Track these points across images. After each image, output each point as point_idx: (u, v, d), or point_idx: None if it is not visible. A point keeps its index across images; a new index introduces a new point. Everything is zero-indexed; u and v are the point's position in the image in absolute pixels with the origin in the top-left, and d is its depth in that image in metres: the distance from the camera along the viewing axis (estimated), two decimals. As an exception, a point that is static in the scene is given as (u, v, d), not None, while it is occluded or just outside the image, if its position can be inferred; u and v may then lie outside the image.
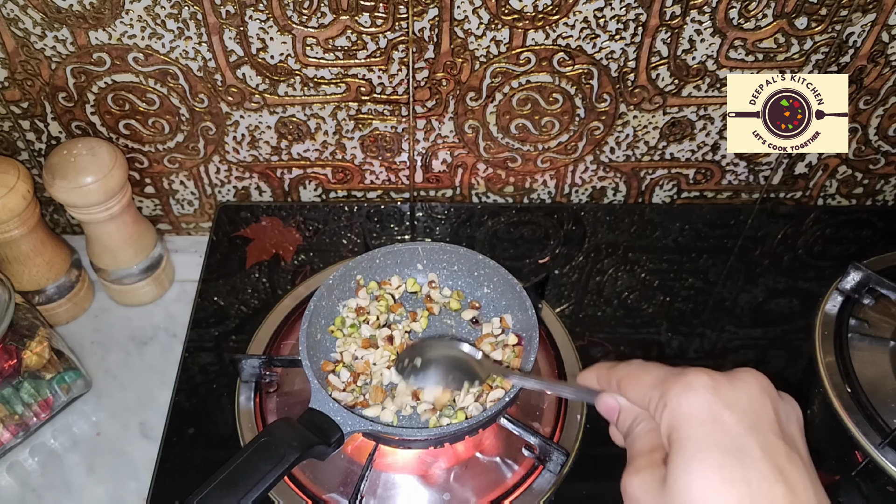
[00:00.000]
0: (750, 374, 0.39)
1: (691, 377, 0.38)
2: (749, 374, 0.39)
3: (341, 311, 0.70)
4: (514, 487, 0.65)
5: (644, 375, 0.41)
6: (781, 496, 0.35)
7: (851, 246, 0.86)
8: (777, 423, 0.38)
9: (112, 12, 0.68)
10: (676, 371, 0.40)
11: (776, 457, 0.36)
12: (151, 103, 0.76)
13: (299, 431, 0.54)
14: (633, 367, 0.43)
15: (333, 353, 0.68)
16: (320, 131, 0.80)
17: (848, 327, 0.74)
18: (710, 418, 0.37)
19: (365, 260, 0.71)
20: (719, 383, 0.38)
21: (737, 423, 0.37)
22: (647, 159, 0.84)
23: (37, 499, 0.68)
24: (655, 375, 0.40)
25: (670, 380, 0.39)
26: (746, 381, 0.39)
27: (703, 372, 0.39)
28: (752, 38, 0.72)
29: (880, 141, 0.83)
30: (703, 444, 0.36)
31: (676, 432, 0.38)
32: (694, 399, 0.38)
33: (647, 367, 0.42)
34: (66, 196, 0.71)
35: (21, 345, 0.69)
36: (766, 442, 0.36)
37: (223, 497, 0.48)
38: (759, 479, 0.35)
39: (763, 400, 0.38)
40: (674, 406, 0.38)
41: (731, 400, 0.37)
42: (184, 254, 0.88)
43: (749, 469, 0.35)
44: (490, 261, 0.69)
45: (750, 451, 0.36)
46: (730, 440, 0.36)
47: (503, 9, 0.69)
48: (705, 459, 0.36)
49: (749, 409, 0.37)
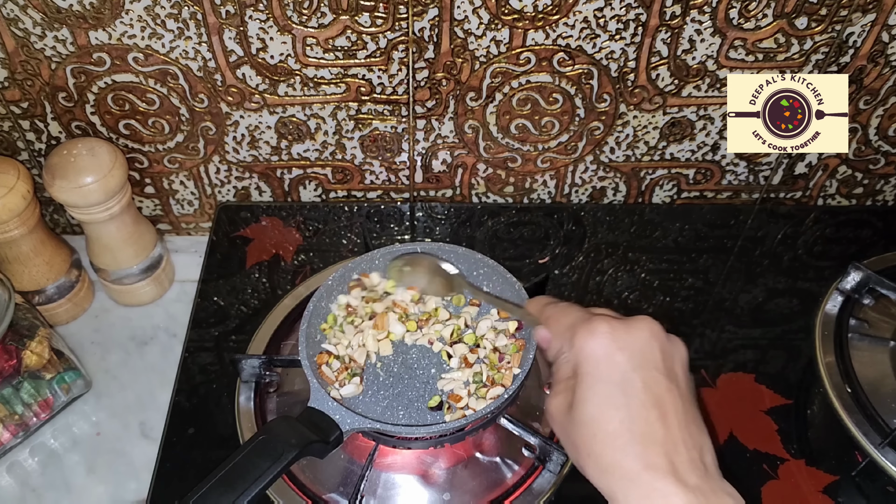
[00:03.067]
0: (644, 321, 0.47)
1: (595, 323, 0.47)
2: (643, 321, 0.47)
3: (333, 309, 0.69)
4: (515, 487, 0.65)
5: (563, 318, 0.50)
6: (655, 418, 0.44)
7: (851, 246, 0.86)
8: (661, 362, 0.46)
9: (112, 12, 0.68)
10: (586, 317, 0.48)
11: (655, 388, 0.45)
12: (151, 103, 0.76)
13: (298, 429, 0.54)
14: (559, 308, 0.52)
15: (326, 345, 0.68)
16: (320, 131, 0.80)
17: (848, 327, 0.74)
18: (605, 357, 0.46)
19: (364, 260, 0.71)
20: (616, 329, 0.46)
21: (626, 362, 0.45)
22: (647, 159, 0.84)
23: (37, 499, 0.68)
24: (570, 319, 0.49)
25: (579, 325, 0.47)
26: (640, 327, 0.47)
27: (605, 320, 0.47)
28: (752, 38, 0.72)
29: (880, 141, 0.83)
30: (597, 377, 0.46)
31: (580, 368, 0.47)
32: (594, 342, 0.46)
33: (567, 310, 0.51)
34: (66, 196, 0.71)
35: (21, 345, 0.69)
36: (649, 377, 0.45)
37: (221, 495, 0.48)
38: (638, 405, 0.44)
39: (651, 343, 0.46)
40: (578, 347, 0.47)
41: (624, 343, 0.46)
42: (184, 254, 0.88)
43: (630, 397, 0.44)
44: (489, 260, 0.69)
45: (633, 383, 0.45)
46: (618, 375, 0.45)
47: (503, 9, 0.69)
48: (597, 390, 0.45)
49: (638, 350, 0.46)
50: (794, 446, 0.69)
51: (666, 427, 0.44)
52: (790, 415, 0.71)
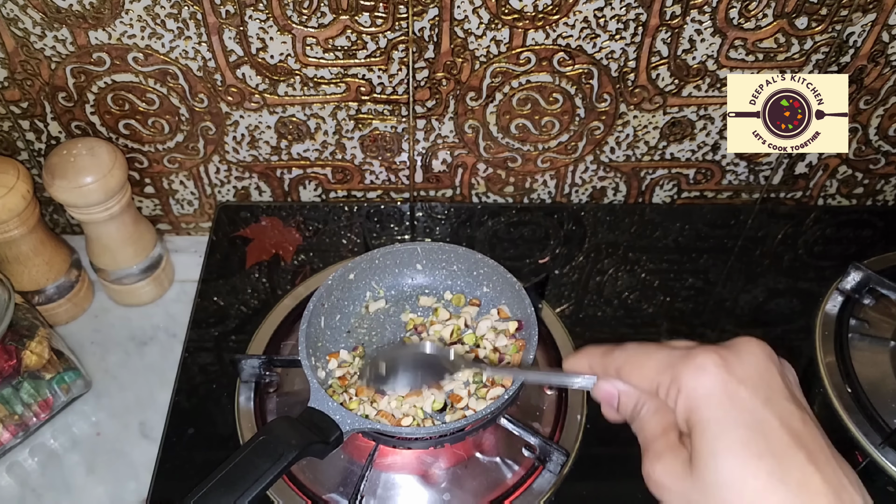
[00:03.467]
0: (753, 344, 0.40)
1: (700, 358, 0.39)
2: (752, 344, 0.40)
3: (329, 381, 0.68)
4: (515, 488, 0.65)
5: (647, 361, 0.41)
6: (805, 461, 0.36)
7: (852, 246, 0.86)
8: (786, 388, 0.39)
9: (112, 12, 0.68)
10: (681, 353, 0.40)
11: (792, 422, 0.37)
12: (151, 103, 0.76)
13: (298, 430, 0.54)
14: (632, 352, 0.42)
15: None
16: (320, 131, 0.80)
17: (848, 327, 0.74)
18: (727, 397, 0.37)
19: (364, 260, 0.71)
20: (729, 360, 0.38)
21: (752, 397, 0.37)
22: (648, 159, 0.84)
23: (36, 499, 0.68)
24: (659, 360, 0.40)
25: (679, 364, 0.39)
26: (752, 352, 0.39)
27: (712, 350, 0.39)
28: (752, 38, 0.72)
29: (880, 141, 0.83)
30: (725, 423, 0.37)
31: (696, 415, 0.38)
32: (707, 380, 0.38)
33: (647, 351, 0.42)
34: (65, 196, 0.71)
35: (21, 345, 0.69)
36: (782, 410, 0.37)
37: (222, 496, 0.48)
38: (783, 448, 0.36)
39: (770, 368, 0.39)
40: (689, 390, 0.38)
41: (743, 374, 0.38)
42: (183, 254, 0.88)
43: (772, 440, 0.36)
44: (489, 260, 0.69)
45: (769, 422, 0.37)
46: (749, 415, 0.37)
47: (503, 8, 0.69)
48: (730, 438, 0.36)
49: (760, 380, 0.38)
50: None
51: (818, 468, 0.36)
52: (790, 415, 0.71)
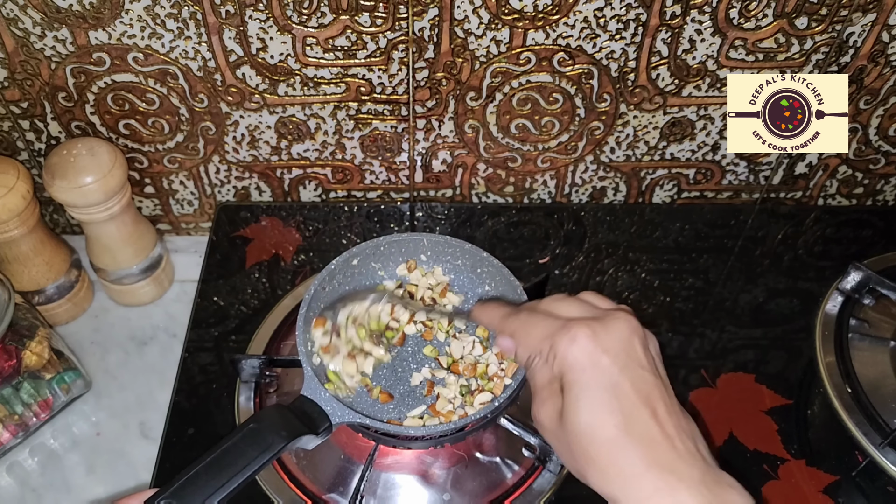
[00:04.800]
0: (622, 318, 0.48)
1: (574, 331, 0.47)
2: (621, 318, 0.48)
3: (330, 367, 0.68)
4: (515, 488, 0.65)
5: (532, 330, 0.50)
6: (648, 417, 0.44)
7: (852, 246, 0.86)
8: (644, 358, 0.47)
9: (112, 12, 0.68)
10: (560, 324, 0.48)
11: (643, 385, 0.46)
12: (151, 103, 0.76)
13: (288, 419, 0.54)
14: (523, 319, 0.51)
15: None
16: (320, 131, 0.80)
17: (848, 327, 0.74)
18: (591, 364, 0.46)
19: (369, 247, 0.70)
20: (597, 332, 0.47)
21: (612, 365, 0.46)
22: (648, 159, 0.84)
23: (36, 499, 0.68)
24: (542, 330, 0.49)
25: (557, 334, 0.47)
26: (619, 326, 0.47)
27: (584, 324, 0.47)
28: (752, 38, 0.72)
29: (881, 141, 0.83)
30: (587, 385, 0.46)
31: (566, 376, 0.47)
32: (577, 350, 0.46)
33: (534, 320, 0.50)
34: (65, 196, 0.71)
35: (21, 345, 0.69)
36: (636, 376, 0.46)
37: (207, 481, 0.48)
38: (630, 407, 0.45)
39: (632, 340, 0.47)
40: (562, 356, 0.47)
41: (607, 345, 0.46)
42: (183, 254, 0.88)
43: (622, 400, 0.45)
44: (494, 260, 0.69)
45: (622, 386, 0.45)
46: (607, 379, 0.45)
47: (503, 9, 0.69)
48: (589, 397, 0.45)
49: (621, 350, 0.46)
50: (795, 446, 0.69)
51: (659, 424, 0.44)
52: (790, 415, 0.71)
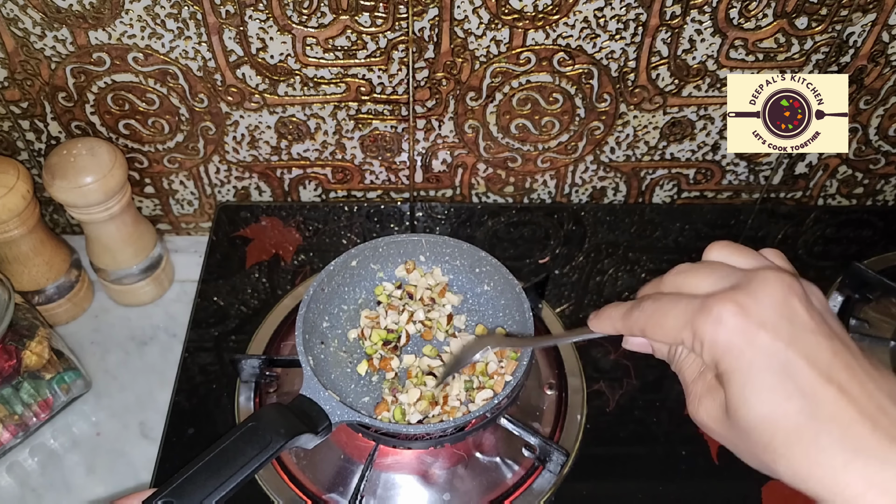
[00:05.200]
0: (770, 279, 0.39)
1: (717, 310, 0.38)
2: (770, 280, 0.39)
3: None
4: (515, 488, 0.65)
5: (665, 320, 0.41)
6: (836, 394, 0.36)
7: (852, 246, 0.86)
8: (810, 319, 0.38)
9: (112, 12, 0.68)
10: (698, 305, 0.39)
11: (819, 356, 0.37)
12: (151, 103, 0.76)
13: (287, 418, 0.54)
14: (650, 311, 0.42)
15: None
16: (320, 131, 0.80)
17: (848, 327, 0.74)
18: (748, 345, 0.37)
19: (368, 248, 0.70)
20: (746, 306, 0.38)
21: (774, 340, 0.37)
22: (648, 159, 0.84)
23: (36, 499, 0.68)
24: (677, 317, 0.40)
25: (697, 319, 0.39)
26: (770, 290, 0.38)
27: (727, 299, 0.38)
28: (752, 38, 0.72)
29: (880, 141, 0.83)
30: (749, 371, 0.37)
31: (721, 366, 0.38)
32: (726, 332, 0.38)
33: (663, 309, 0.41)
34: (65, 196, 0.71)
35: (21, 345, 0.69)
36: (807, 346, 0.37)
37: (206, 480, 0.48)
38: (811, 386, 0.36)
39: (791, 303, 0.38)
40: (710, 343, 0.38)
41: (762, 317, 0.37)
42: (183, 254, 0.88)
43: (799, 380, 0.36)
44: (493, 259, 0.69)
45: (794, 363, 0.37)
46: (773, 359, 0.37)
47: (503, 8, 0.69)
48: (756, 385, 0.37)
49: (781, 319, 0.38)
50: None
51: (852, 399, 0.36)
52: (790, 415, 0.71)
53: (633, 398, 0.72)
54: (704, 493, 0.66)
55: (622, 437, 0.69)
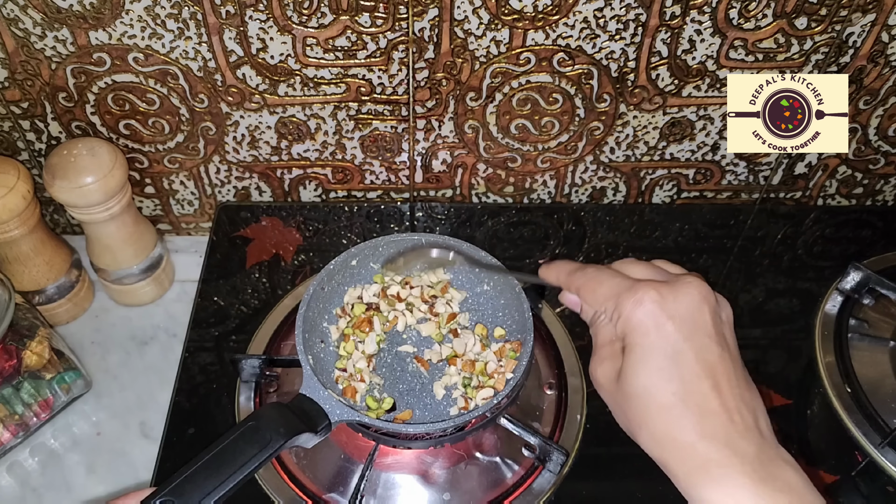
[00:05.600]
0: (692, 284, 0.46)
1: (641, 293, 0.45)
2: (692, 284, 0.46)
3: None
4: (514, 487, 0.65)
5: (599, 287, 0.48)
6: (709, 388, 0.43)
7: (851, 246, 0.86)
8: (712, 327, 0.45)
9: (112, 12, 0.68)
10: (628, 284, 0.46)
11: (707, 356, 0.44)
12: (151, 103, 0.76)
13: (287, 417, 0.54)
14: (590, 276, 0.49)
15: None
16: (320, 131, 0.80)
17: (848, 327, 0.74)
18: (655, 328, 0.44)
19: (368, 247, 0.70)
20: (665, 297, 0.45)
21: (676, 332, 0.44)
22: (647, 159, 0.84)
23: (37, 499, 0.68)
24: (609, 288, 0.47)
25: (623, 294, 0.46)
26: (689, 292, 0.45)
27: (652, 287, 0.45)
28: (752, 39, 0.72)
29: (880, 141, 0.83)
30: (648, 349, 0.44)
31: (628, 338, 0.45)
32: (642, 312, 0.45)
33: (601, 277, 0.48)
34: (66, 196, 0.71)
35: (21, 345, 0.69)
36: (700, 345, 0.44)
37: (206, 479, 0.48)
38: (691, 376, 0.43)
39: (702, 308, 0.45)
40: (625, 317, 0.45)
41: (674, 311, 0.44)
42: (184, 254, 0.88)
43: (683, 368, 0.43)
44: (493, 258, 0.69)
45: (685, 354, 0.43)
46: (670, 346, 0.44)
47: (503, 9, 0.69)
48: (649, 362, 0.44)
49: (688, 317, 0.44)
50: (794, 446, 0.69)
51: (720, 396, 0.43)
52: (790, 415, 0.71)
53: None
54: (704, 493, 0.66)
55: (622, 437, 0.69)
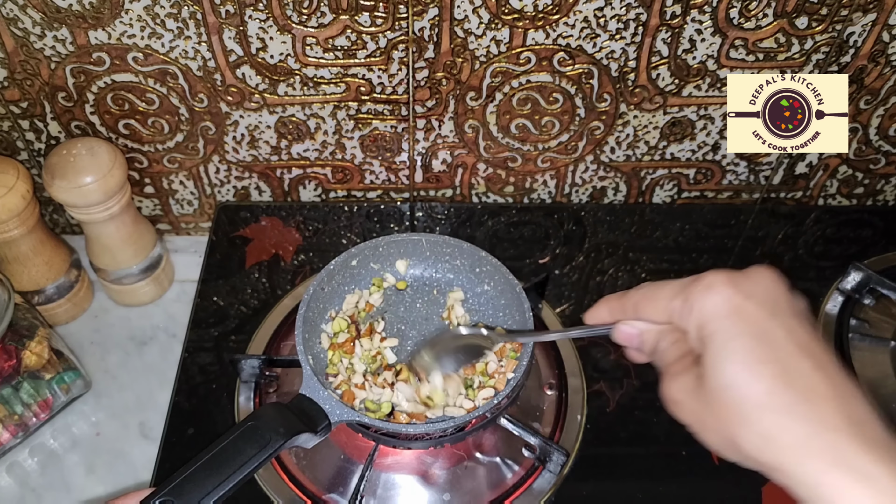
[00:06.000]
0: (764, 270, 0.41)
1: (709, 278, 0.40)
2: (763, 270, 0.41)
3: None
4: (515, 488, 0.65)
5: (659, 293, 0.43)
6: (811, 368, 0.37)
7: (852, 246, 0.86)
8: (793, 307, 0.40)
9: (111, 12, 0.68)
10: (692, 278, 0.41)
11: (797, 334, 0.38)
12: (151, 103, 0.76)
13: (287, 417, 0.54)
14: (646, 289, 0.45)
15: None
16: (320, 131, 0.80)
17: (848, 327, 0.74)
18: (734, 310, 0.39)
19: (368, 247, 0.71)
20: (736, 279, 0.40)
21: (758, 310, 0.39)
22: (648, 159, 0.84)
23: (36, 499, 0.68)
24: (671, 289, 0.42)
25: (689, 286, 0.41)
26: (761, 273, 0.41)
27: (721, 272, 0.41)
28: (752, 38, 0.72)
29: (881, 141, 0.83)
30: (731, 333, 0.39)
31: (705, 329, 0.40)
32: (716, 296, 0.40)
33: (659, 285, 0.44)
34: (65, 196, 0.71)
35: (20, 345, 0.69)
36: (788, 323, 0.39)
37: (206, 479, 0.48)
38: (788, 355, 0.37)
39: (779, 288, 0.40)
40: (698, 308, 0.40)
41: (750, 291, 0.40)
42: (183, 254, 0.88)
43: (777, 348, 0.38)
44: (493, 259, 0.69)
45: (774, 332, 0.38)
46: (755, 326, 0.38)
47: (503, 8, 0.69)
48: (736, 345, 0.38)
49: (767, 297, 0.40)
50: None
51: (826, 375, 0.37)
52: (790, 415, 0.71)
53: (633, 398, 0.72)
54: (704, 494, 0.66)
55: (622, 438, 0.69)
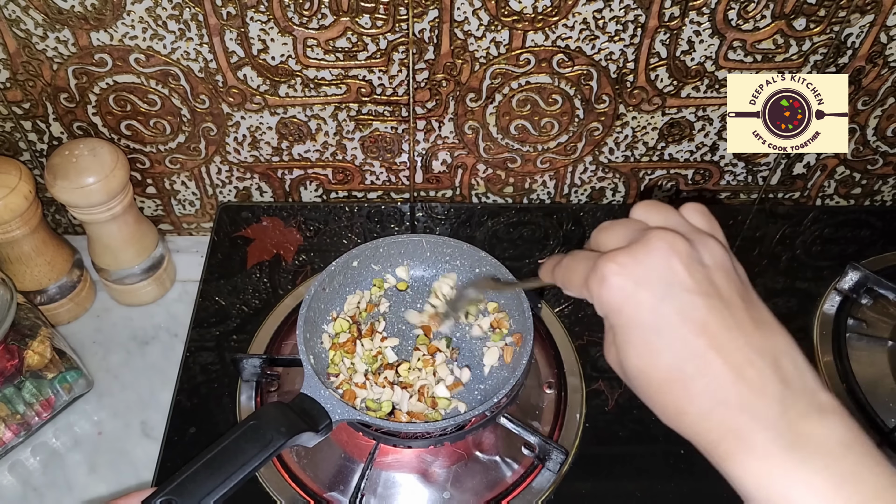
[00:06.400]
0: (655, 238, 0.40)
1: (601, 269, 0.40)
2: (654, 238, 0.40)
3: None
4: (514, 486, 0.65)
5: (572, 275, 0.44)
6: (704, 348, 0.38)
7: (849, 246, 0.86)
8: (689, 278, 0.39)
9: (113, 13, 0.68)
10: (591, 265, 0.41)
11: (694, 313, 0.39)
12: (153, 104, 0.76)
13: (288, 416, 0.54)
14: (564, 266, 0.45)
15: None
16: (321, 132, 0.80)
17: (846, 327, 0.74)
18: (626, 301, 0.39)
19: (369, 248, 0.71)
20: (625, 264, 0.40)
21: (651, 297, 0.39)
22: (646, 160, 0.85)
23: (38, 498, 0.69)
24: (580, 274, 0.42)
25: (590, 278, 0.41)
26: (652, 249, 0.40)
27: (610, 258, 0.40)
28: (750, 39, 0.72)
29: (878, 141, 0.83)
30: (626, 327, 0.40)
31: (607, 321, 0.41)
32: (609, 290, 0.40)
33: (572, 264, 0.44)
34: (67, 196, 0.71)
35: (23, 344, 0.70)
36: (682, 303, 0.39)
37: (207, 478, 0.48)
38: (680, 341, 0.38)
39: (670, 261, 0.39)
40: (597, 301, 0.41)
41: (640, 275, 0.39)
42: (185, 254, 0.89)
43: (670, 336, 0.39)
44: (492, 259, 0.69)
45: (667, 318, 0.39)
46: (647, 315, 0.39)
47: (503, 10, 0.69)
48: (633, 340, 0.40)
49: (658, 277, 0.39)
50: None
51: (720, 353, 0.38)
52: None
53: (633, 397, 0.71)
54: (704, 493, 0.66)
55: (621, 437, 0.70)
